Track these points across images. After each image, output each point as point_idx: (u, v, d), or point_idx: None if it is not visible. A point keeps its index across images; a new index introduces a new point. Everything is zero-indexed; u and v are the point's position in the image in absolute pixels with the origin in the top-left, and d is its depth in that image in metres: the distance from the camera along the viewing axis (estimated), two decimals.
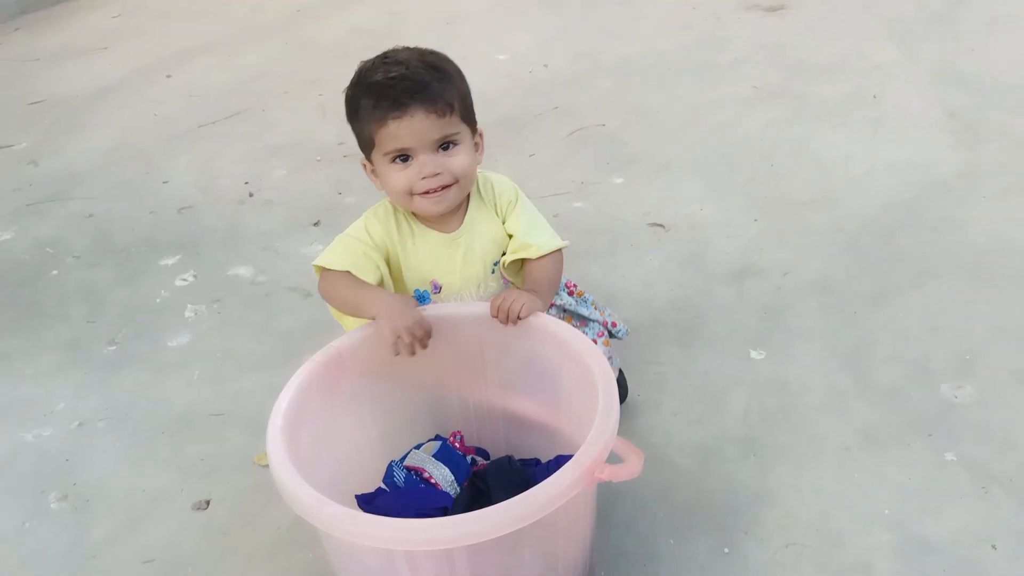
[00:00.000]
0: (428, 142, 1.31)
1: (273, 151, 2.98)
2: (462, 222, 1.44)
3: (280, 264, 2.34)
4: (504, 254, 1.47)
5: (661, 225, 2.33)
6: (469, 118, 1.37)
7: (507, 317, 1.30)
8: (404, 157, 1.33)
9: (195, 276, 2.32)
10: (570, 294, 1.63)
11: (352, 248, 1.40)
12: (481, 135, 1.41)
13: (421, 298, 1.45)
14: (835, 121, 2.80)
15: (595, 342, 1.51)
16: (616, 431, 1.11)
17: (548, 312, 1.44)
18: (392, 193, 1.39)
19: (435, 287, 1.45)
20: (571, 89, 3.24)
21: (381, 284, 1.40)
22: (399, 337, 1.26)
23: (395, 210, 1.44)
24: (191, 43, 4.13)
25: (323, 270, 1.40)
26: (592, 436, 1.08)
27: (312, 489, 1.04)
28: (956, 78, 3.01)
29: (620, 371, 1.77)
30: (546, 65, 3.46)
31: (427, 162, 1.32)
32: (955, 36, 3.37)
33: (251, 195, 2.71)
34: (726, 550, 1.44)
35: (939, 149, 2.58)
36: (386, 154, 1.33)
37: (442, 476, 1.28)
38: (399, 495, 1.25)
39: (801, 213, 2.34)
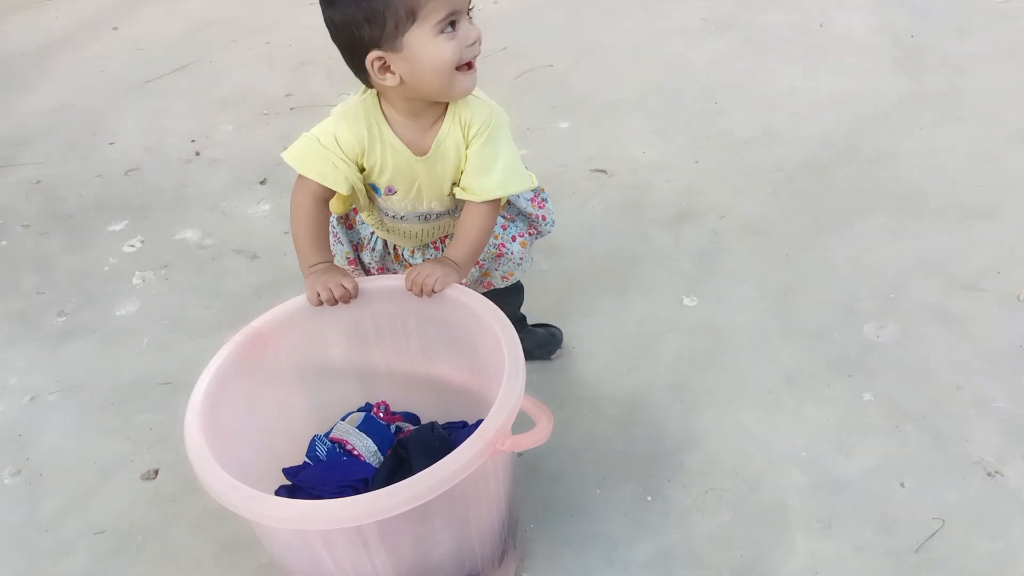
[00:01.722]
0: (466, 4, 1.22)
1: (220, 105, 2.96)
2: (431, 145, 1.34)
3: (227, 225, 2.35)
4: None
5: (603, 171, 2.35)
6: None
7: (420, 291, 1.32)
8: (452, 24, 1.20)
9: (142, 242, 2.33)
10: None
11: (319, 155, 1.32)
12: None
13: (373, 188, 1.41)
14: (781, 53, 2.79)
15: (514, 240, 1.55)
16: (519, 401, 1.15)
17: None
18: (436, 72, 1.22)
19: (390, 190, 1.40)
20: (521, 25, 3.21)
21: (351, 192, 1.36)
22: (318, 292, 1.31)
23: (366, 115, 1.33)
24: None
25: (299, 177, 1.35)
26: (495, 409, 1.12)
27: (224, 474, 1.09)
28: (903, 2, 2.98)
29: (554, 329, 1.81)
30: (495, 2, 3.41)
31: (471, 26, 1.22)
32: None
33: (197, 154, 2.70)
34: (649, 498, 1.51)
35: (881, 78, 2.58)
36: (437, 23, 1.18)
37: (364, 447, 1.33)
38: (322, 468, 1.30)
39: (741, 152, 2.35)
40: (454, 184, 1.39)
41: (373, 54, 1.22)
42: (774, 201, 2.16)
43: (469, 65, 1.25)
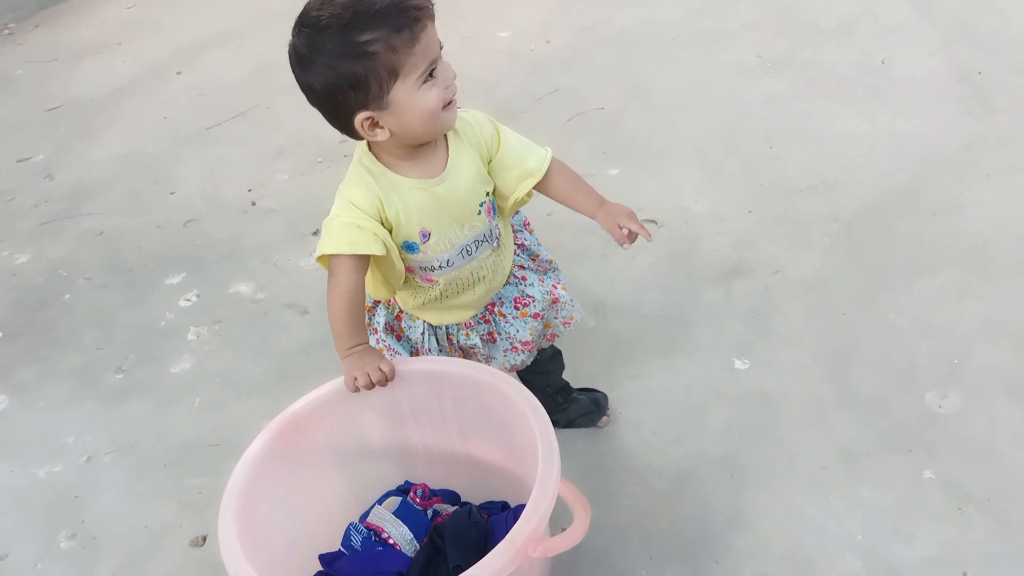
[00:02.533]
0: (438, 51, 1.25)
1: (276, 153, 3.00)
2: (445, 165, 1.36)
3: (279, 279, 2.38)
4: (488, 193, 1.42)
5: (654, 221, 2.31)
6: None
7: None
8: (431, 72, 1.24)
9: (198, 295, 2.38)
10: (529, 232, 1.62)
11: (343, 229, 1.33)
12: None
13: (410, 248, 1.40)
14: (839, 93, 2.71)
15: (555, 287, 1.58)
16: (551, 505, 1.13)
17: (515, 254, 1.54)
18: (423, 118, 1.27)
19: (423, 235, 1.38)
20: (572, 67, 3.18)
21: (385, 252, 1.35)
22: (355, 378, 1.31)
23: (369, 171, 1.35)
24: (201, 35, 4.13)
25: (331, 261, 1.36)
26: (526, 512, 1.10)
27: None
28: (971, 37, 2.86)
29: (598, 395, 1.79)
30: (548, 41, 3.40)
31: (446, 66, 1.26)
32: None
33: (253, 203, 2.74)
34: None
35: (945, 120, 2.48)
36: (420, 75, 1.22)
37: (400, 535, 1.32)
38: (357, 558, 1.30)
39: (797, 201, 2.28)
40: (486, 194, 1.41)
41: (361, 115, 1.24)
42: (830, 255, 2.09)
43: (451, 101, 1.29)
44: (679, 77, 2.98)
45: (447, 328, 1.54)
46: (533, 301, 1.52)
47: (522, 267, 1.55)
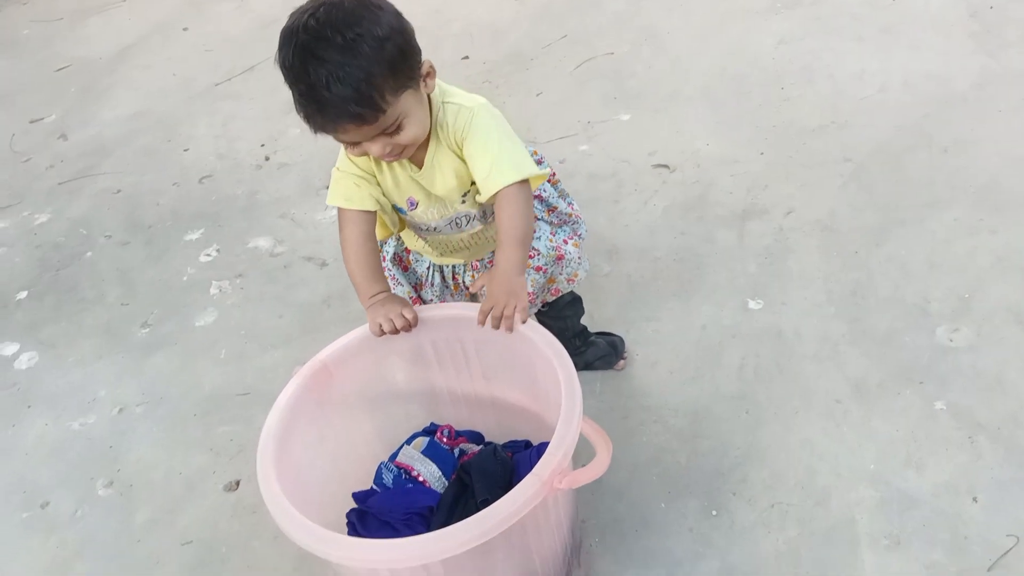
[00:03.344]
0: (370, 136, 1.25)
1: (287, 108, 2.96)
2: (423, 162, 1.39)
3: (297, 233, 2.42)
4: (472, 183, 1.42)
5: (666, 166, 2.32)
6: (408, 79, 1.26)
7: (499, 326, 1.32)
8: (352, 144, 1.29)
9: (218, 251, 2.42)
10: (552, 184, 1.60)
11: (342, 182, 1.40)
12: (430, 68, 1.31)
13: (399, 210, 1.47)
14: (851, 31, 2.70)
15: (566, 243, 1.56)
16: (575, 438, 1.17)
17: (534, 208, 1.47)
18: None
19: (411, 203, 1.44)
20: (581, 12, 3.17)
21: (378, 207, 1.42)
22: (380, 324, 1.36)
23: None
24: None
25: (339, 212, 1.44)
26: (551, 446, 1.14)
27: (298, 516, 1.14)
28: None
29: (615, 338, 1.82)
30: None
31: (376, 149, 1.27)
32: None
33: (267, 159, 2.77)
34: (714, 512, 1.51)
35: (957, 57, 2.47)
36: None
37: (429, 473, 1.37)
38: (389, 495, 1.35)
39: (809, 142, 2.29)
40: (466, 190, 1.43)
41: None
42: (843, 194, 2.11)
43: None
44: (689, 20, 2.97)
45: (452, 267, 1.58)
46: (537, 254, 1.53)
47: (535, 218, 1.55)
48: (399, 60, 1.23)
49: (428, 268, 1.57)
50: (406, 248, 1.59)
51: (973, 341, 1.70)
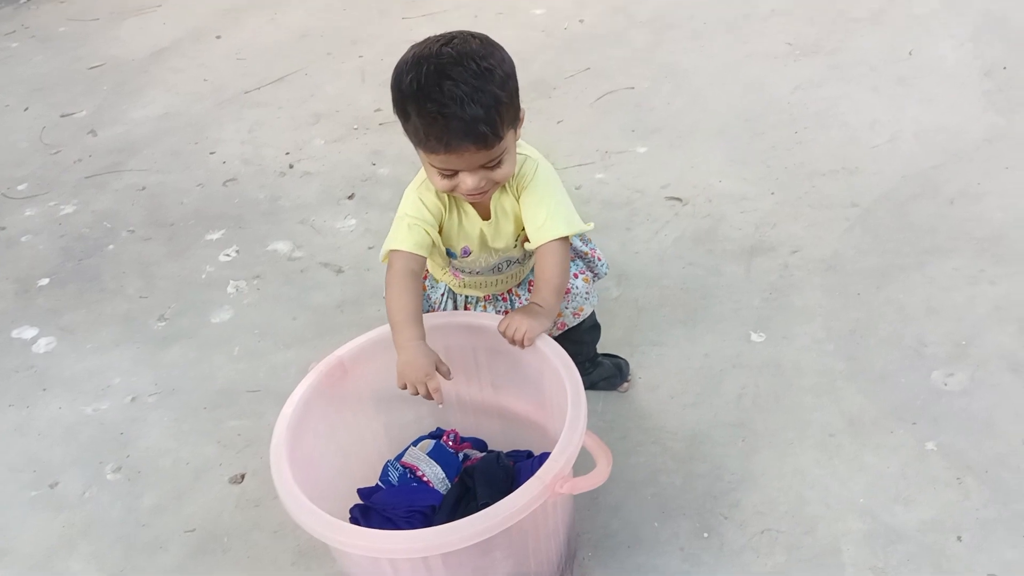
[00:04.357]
0: (475, 166, 1.31)
1: (314, 119, 3.09)
2: (488, 213, 1.47)
3: (316, 239, 2.48)
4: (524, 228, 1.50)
5: (679, 199, 2.38)
6: (515, 118, 1.34)
7: (512, 341, 1.39)
8: (451, 173, 1.33)
9: (237, 251, 2.48)
10: None
11: (414, 228, 1.41)
12: (523, 114, 1.38)
13: (450, 254, 1.54)
14: (866, 82, 2.77)
15: (576, 276, 1.63)
16: (579, 446, 1.22)
17: None
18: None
19: (465, 252, 1.52)
20: (604, 46, 3.25)
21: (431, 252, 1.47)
22: (405, 385, 1.35)
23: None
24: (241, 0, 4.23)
25: (390, 254, 1.43)
26: (555, 452, 1.20)
27: (305, 500, 1.19)
28: (1000, 30, 2.92)
29: (620, 361, 1.87)
30: (581, 20, 3.47)
31: (471, 181, 1.32)
32: None
33: (291, 166, 2.84)
34: (706, 534, 1.56)
35: (969, 113, 2.54)
36: (432, 165, 1.33)
37: (433, 474, 1.42)
38: (393, 492, 1.40)
39: (819, 185, 2.36)
40: (520, 232, 1.49)
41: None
42: (848, 237, 2.16)
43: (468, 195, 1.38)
44: (709, 60, 3.05)
45: (466, 297, 1.65)
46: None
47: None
48: (516, 97, 1.33)
49: (443, 295, 1.63)
50: (424, 275, 1.62)
51: (967, 386, 1.75)
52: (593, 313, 1.75)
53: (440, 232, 1.47)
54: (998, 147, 2.38)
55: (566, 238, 1.44)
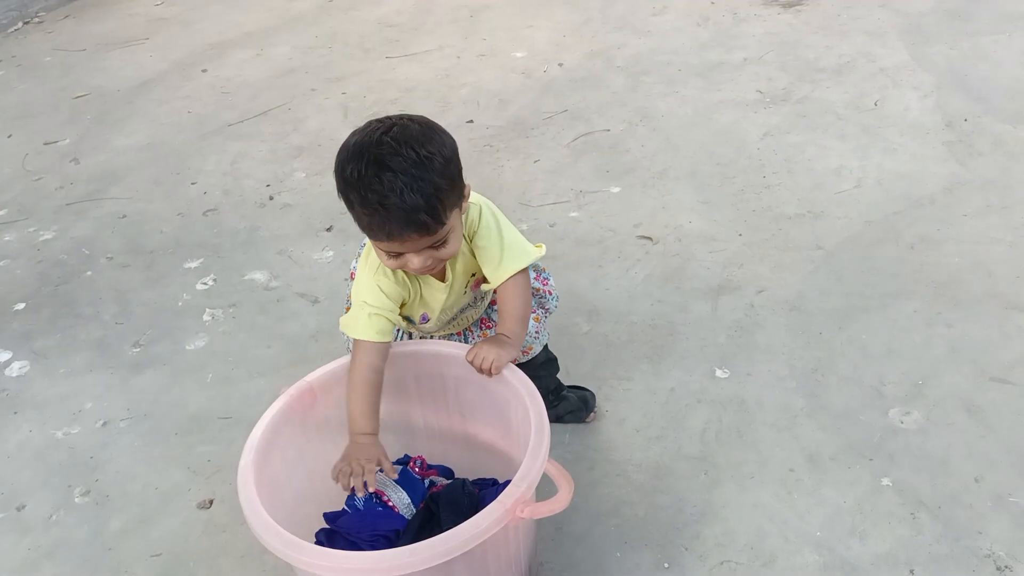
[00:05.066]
0: (420, 248, 1.35)
1: (295, 152, 3.14)
2: (444, 275, 1.52)
3: (292, 269, 2.52)
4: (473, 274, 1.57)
5: (649, 238, 2.44)
6: (459, 198, 1.38)
7: (480, 370, 1.44)
8: (396, 255, 1.37)
9: (215, 280, 2.51)
10: None
11: (374, 317, 1.45)
12: (468, 190, 1.42)
13: (408, 319, 1.59)
14: (833, 130, 2.86)
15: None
16: (540, 473, 1.25)
17: None
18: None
19: (424, 318, 1.58)
20: (583, 89, 3.34)
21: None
22: (340, 476, 1.36)
23: None
24: (228, 34, 4.30)
25: (354, 343, 1.46)
26: (516, 478, 1.23)
27: (271, 521, 1.21)
28: (962, 83, 3.03)
29: (587, 393, 1.91)
30: (561, 64, 3.55)
31: (417, 261, 1.36)
32: (970, 33, 3.38)
33: (271, 198, 2.88)
34: (666, 565, 1.59)
35: (930, 161, 2.63)
36: (378, 247, 1.39)
37: (399, 499, 1.44)
38: (359, 516, 1.42)
39: (785, 228, 2.43)
40: (471, 278, 1.55)
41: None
42: (812, 279, 2.23)
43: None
44: (683, 106, 3.13)
45: (422, 336, 1.70)
46: (495, 325, 1.67)
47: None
48: (457, 180, 1.36)
49: (399, 331, 1.69)
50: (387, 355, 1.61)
51: (923, 424, 1.80)
52: (547, 348, 1.80)
53: (400, 307, 1.52)
54: (957, 195, 2.47)
55: (524, 269, 1.50)
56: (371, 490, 1.36)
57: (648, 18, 3.91)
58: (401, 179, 1.26)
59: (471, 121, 3.15)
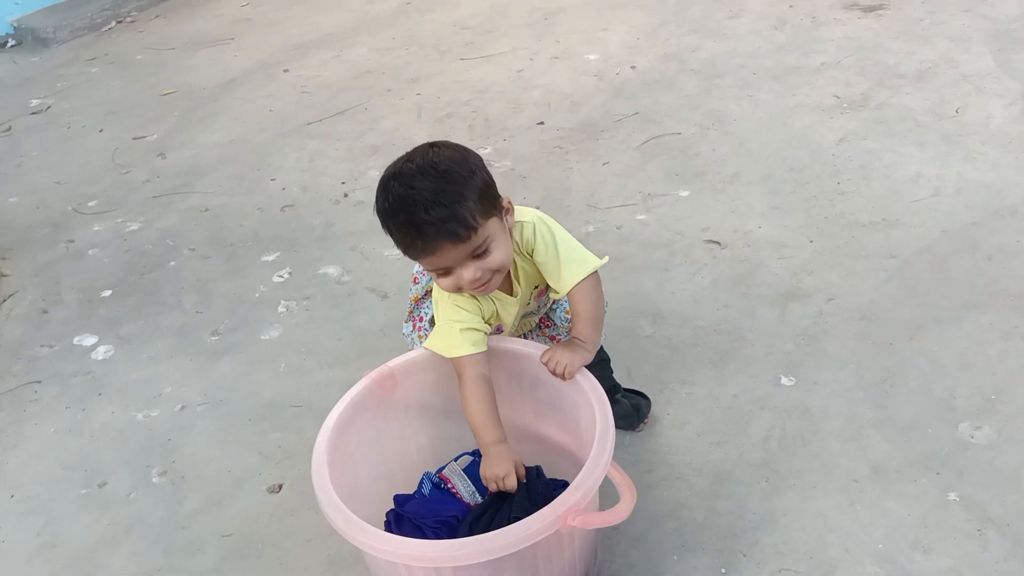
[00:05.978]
0: (462, 259, 1.40)
1: (370, 151, 3.22)
2: (512, 288, 1.58)
3: (364, 265, 2.58)
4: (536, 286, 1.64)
5: (717, 242, 2.43)
6: (492, 207, 1.42)
7: (554, 373, 1.49)
8: (445, 271, 1.43)
9: (290, 273, 2.59)
10: None
11: (466, 334, 1.52)
12: (509, 204, 1.48)
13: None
14: (912, 137, 2.80)
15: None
16: (598, 482, 1.27)
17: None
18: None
19: (498, 330, 1.65)
20: (655, 92, 3.33)
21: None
22: (494, 482, 1.44)
23: None
24: (309, 35, 4.43)
25: (457, 363, 1.52)
26: (573, 484, 1.25)
27: (335, 497, 1.27)
28: None
29: (641, 400, 1.91)
30: (633, 67, 3.55)
31: (467, 275, 1.41)
32: None
33: (346, 195, 2.96)
34: (723, 570, 1.59)
35: (1013, 171, 2.56)
36: (427, 269, 1.47)
37: (464, 488, 1.49)
38: (424, 502, 1.48)
39: (858, 235, 2.39)
40: (534, 288, 1.62)
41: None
42: (885, 288, 2.19)
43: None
44: (757, 109, 3.10)
45: None
46: (552, 326, 1.76)
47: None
48: (485, 189, 1.41)
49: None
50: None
51: (994, 440, 1.76)
52: (601, 348, 1.81)
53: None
54: None
55: (593, 273, 1.55)
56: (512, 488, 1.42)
57: (724, 21, 3.88)
58: (424, 195, 1.34)
59: (542, 123, 3.17)
